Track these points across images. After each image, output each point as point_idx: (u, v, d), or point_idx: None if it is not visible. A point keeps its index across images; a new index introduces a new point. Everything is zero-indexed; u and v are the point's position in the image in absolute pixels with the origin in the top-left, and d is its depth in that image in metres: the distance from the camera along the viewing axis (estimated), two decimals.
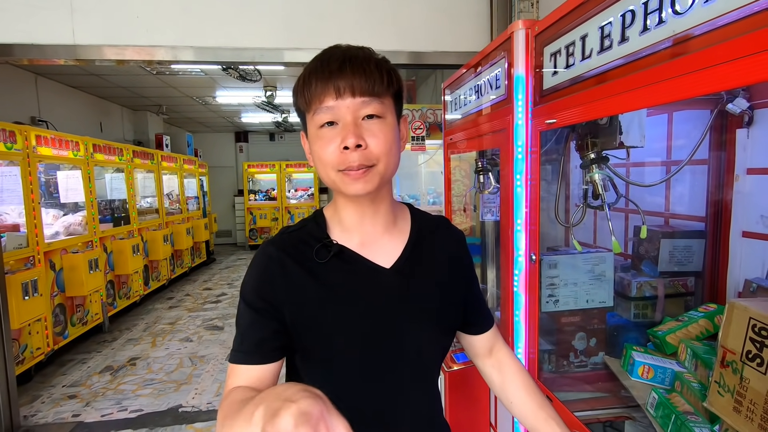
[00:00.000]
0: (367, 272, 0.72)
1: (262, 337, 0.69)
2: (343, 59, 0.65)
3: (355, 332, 0.70)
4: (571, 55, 1.04)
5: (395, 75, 0.70)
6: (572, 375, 1.36)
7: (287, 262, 0.71)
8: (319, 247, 0.72)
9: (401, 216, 0.80)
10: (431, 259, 0.78)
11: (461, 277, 0.82)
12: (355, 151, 0.64)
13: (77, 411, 2.96)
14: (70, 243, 4.00)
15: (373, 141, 0.66)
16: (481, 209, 2.17)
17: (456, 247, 0.84)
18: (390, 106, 0.69)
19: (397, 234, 0.77)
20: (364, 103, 0.65)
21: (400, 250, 0.75)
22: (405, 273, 0.74)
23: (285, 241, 0.74)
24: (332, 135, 0.66)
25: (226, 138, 10.20)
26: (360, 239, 0.74)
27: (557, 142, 1.40)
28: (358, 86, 0.64)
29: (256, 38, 2.47)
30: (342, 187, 0.68)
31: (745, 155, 1.24)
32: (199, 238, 7.38)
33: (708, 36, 0.67)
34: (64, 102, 5.33)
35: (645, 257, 1.46)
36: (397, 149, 0.71)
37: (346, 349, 0.70)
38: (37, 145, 3.57)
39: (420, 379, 0.76)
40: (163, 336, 4.38)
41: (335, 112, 0.65)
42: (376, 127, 0.66)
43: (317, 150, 0.68)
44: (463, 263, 0.84)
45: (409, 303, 0.73)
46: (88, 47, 2.34)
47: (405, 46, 2.56)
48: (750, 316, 0.70)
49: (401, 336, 0.72)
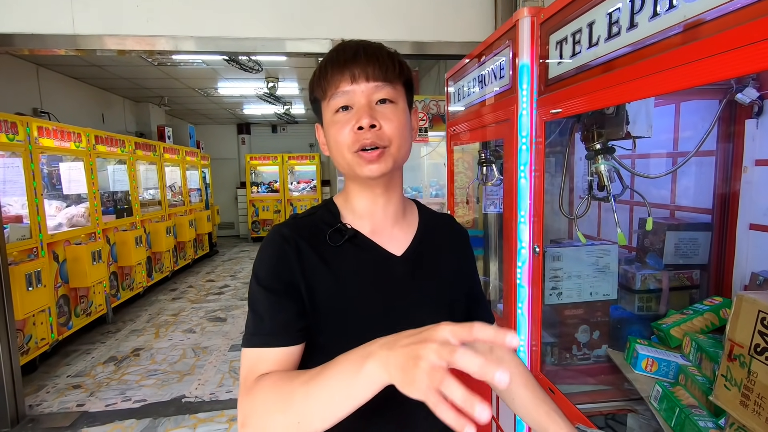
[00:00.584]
0: (379, 258, 0.74)
1: (286, 318, 0.67)
2: (357, 49, 0.69)
3: (367, 316, 0.70)
4: (577, 43, 1.02)
5: (405, 65, 0.73)
6: (575, 368, 1.36)
7: (302, 243, 0.71)
8: (332, 231, 0.73)
9: (409, 210, 0.83)
10: (437, 254, 0.79)
11: (464, 275, 0.84)
12: (369, 131, 0.67)
13: (81, 401, 2.98)
14: (74, 234, 4.01)
15: (386, 123, 0.68)
16: (484, 201, 2.15)
17: (460, 245, 0.86)
18: (401, 93, 0.72)
19: (406, 226, 0.79)
20: (378, 88, 0.69)
21: (408, 240, 0.77)
22: (414, 263, 0.75)
23: (298, 224, 0.74)
24: (347, 118, 0.69)
25: (228, 130, 10.17)
26: (371, 227, 0.76)
27: (561, 133, 1.38)
28: (372, 72, 0.68)
29: (257, 28, 2.44)
30: (357, 168, 0.70)
31: (754, 146, 1.21)
32: (201, 230, 7.39)
33: (720, 21, 0.65)
34: (65, 93, 5.32)
35: (650, 249, 1.44)
36: (409, 136, 0.73)
37: (358, 332, 0.69)
38: (39, 136, 3.56)
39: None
40: (167, 327, 4.41)
41: (350, 96, 0.68)
42: (389, 111, 0.69)
43: (333, 134, 0.70)
44: (467, 261, 0.86)
45: (419, 292, 0.74)
46: (89, 37, 2.32)
47: (408, 35, 2.53)
48: (759, 309, 0.68)
49: (413, 321, 0.71)
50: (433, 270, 0.77)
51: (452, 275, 0.80)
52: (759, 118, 1.18)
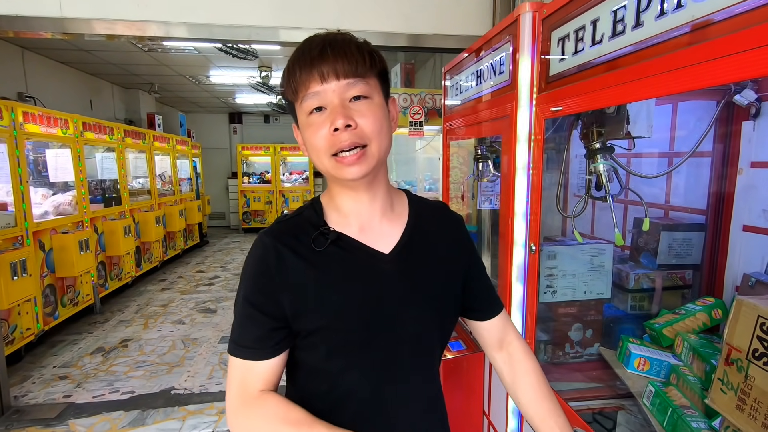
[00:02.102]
0: (366, 258, 0.72)
1: (260, 334, 0.69)
2: (323, 45, 0.66)
3: (354, 318, 0.70)
4: (580, 40, 1.00)
5: (377, 55, 0.70)
6: (567, 365, 1.37)
7: (283, 251, 0.70)
8: (316, 234, 0.71)
9: (398, 201, 0.80)
10: (430, 244, 0.77)
11: (460, 262, 0.81)
12: (345, 131, 0.65)
13: (68, 392, 2.94)
14: (60, 223, 3.93)
15: (363, 121, 0.66)
16: (479, 197, 2.14)
17: (455, 232, 0.83)
18: (376, 86, 0.69)
19: (396, 219, 0.77)
20: (350, 85, 0.66)
21: (398, 235, 0.75)
22: (404, 258, 0.73)
23: (280, 229, 0.73)
24: (321, 120, 0.66)
25: (219, 119, 10.03)
26: (358, 225, 0.74)
27: (557, 130, 1.37)
28: (341, 69, 0.65)
29: (251, 16, 2.39)
30: (337, 173, 0.68)
31: (750, 148, 1.22)
32: (192, 220, 7.30)
33: (730, 22, 0.64)
34: (52, 78, 5.18)
35: (644, 249, 1.45)
36: (389, 129, 0.71)
37: (346, 335, 0.70)
38: (24, 122, 3.47)
39: (420, 365, 0.76)
40: (156, 318, 4.36)
41: (322, 96, 0.66)
42: (365, 107, 0.67)
43: (309, 137, 0.68)
44: (463, 247, 0.83)
45: (409, 288, 0.73)
46: (76, 21, 2.25)
47: (405, 27, 2.50)
48: (759, 314, 0.68)
49: (401, 321, 0.72)
50: (424, 262, 0.75)
51: (446, 263, 0.78)
52: (756, 120, 1.19)
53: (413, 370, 0.74)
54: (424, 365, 0.77)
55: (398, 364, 0.72)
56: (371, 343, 0.70)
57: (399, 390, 0.73)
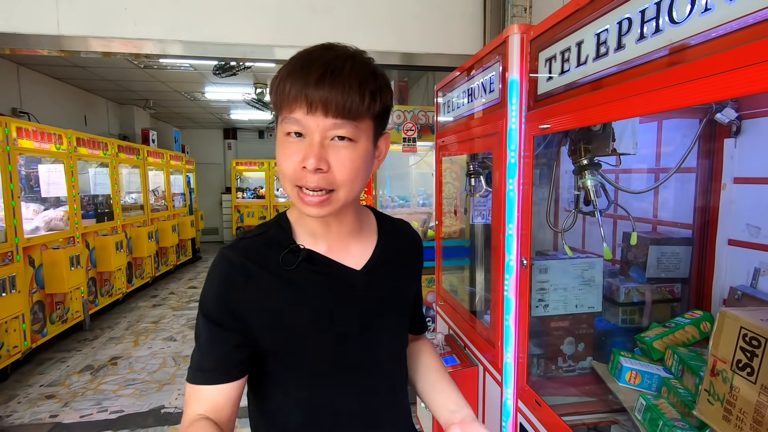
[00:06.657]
0: (338, 275, 0.72)
1: (223, 353, 0.65)
2: (324, 70, 0.59)
3: (327, 336, 0.70)
4: (566, 61, 1.04)
5: (381, 96, 0.63)
6: (560, 379, 1.37)
7: (251, 267, 0.67)
8: (285, 253, 0.69)
9: (366, 220, 0.80)
10: (395, 263, 0.80)
11: (414, 282, 0.86)
12: (314, 173, 0.60)
13: (55, 411, 2.87)
14: (51, 238, 3.89)
15: (337, 165, 0.61)
16: (472, 212, 2.17)
17: (415, 253, 0.86)
18: (367, 129, 0.64)
19: (364, 238, 0.77)
20: (336, 125, 0.60)
21: (368, 253, 0.76)
22: (375, 275, 0.74)
23: (247, 246, 0.69)
24: (296, 149, 0.61)
25: (214, 134, 10.06)
26: (327, 245, 0.72)
27: (547, 146, 1.40)
28: (332, 105, 0.59)
29: (247, 34, 2.43)
30: (297, 204, 0.65)
31: (733, 164, 1.25)
32: (184, 235, 7.26)
33: (704, 46, 0.67)
34: (47, 93, 5.19)
35: (633, 263, 1.47)
36: (365, 174, 0.66)
37: (318, 352, 0.70)
38: (17, 137, 3.46)
39: (391, 379, 0.78)
40: (146, 335, 4.30)
41: (303, 125, 0.60)
42: (344, 152, 0.61)
43: (279, 158, 0.64)
44: (418, 268, 0.87)
45: (380, 304, 0.74)
46: (73, 38, 2.28)
47: (398, 46, 2.56)
48: (741, 326, 0.70)
49: (374, 337, 0.73)
50: (391, 280, 0.78)
51: (407, 281, 0.83)
52: (737, 138, 1.23)
53: (387, 384, 0.77)
54: (394, 377, 0.79)
55: (371, 378, 0.74)
56: (344, 359, 0.71)
57: (374, 402, 0.74)
